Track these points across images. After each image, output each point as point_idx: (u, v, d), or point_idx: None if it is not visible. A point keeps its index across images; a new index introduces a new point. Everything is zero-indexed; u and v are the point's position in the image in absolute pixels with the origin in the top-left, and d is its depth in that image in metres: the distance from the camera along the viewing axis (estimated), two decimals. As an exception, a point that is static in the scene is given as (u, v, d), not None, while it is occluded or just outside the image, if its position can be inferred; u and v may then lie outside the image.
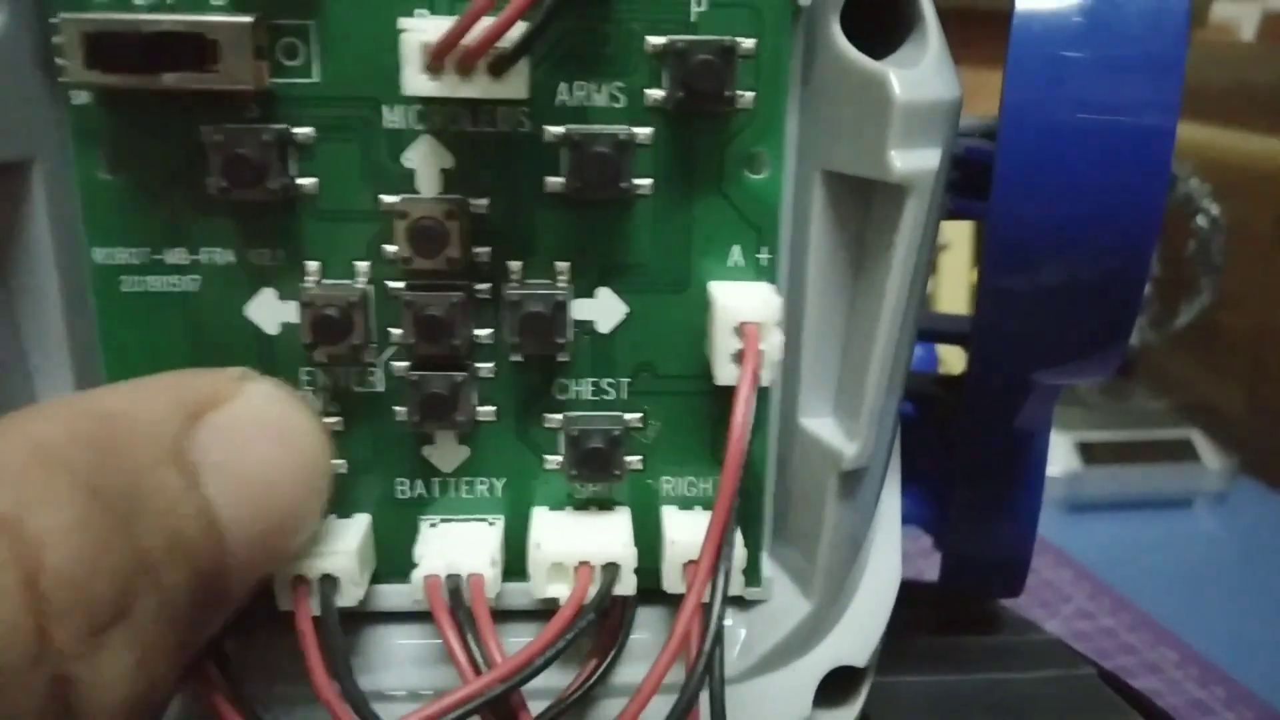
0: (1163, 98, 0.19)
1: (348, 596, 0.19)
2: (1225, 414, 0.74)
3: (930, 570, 0.30)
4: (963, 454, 0.27)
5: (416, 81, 0.17)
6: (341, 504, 0.20)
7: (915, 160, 0.18)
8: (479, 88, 0.17)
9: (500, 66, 0.17)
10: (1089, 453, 0.70)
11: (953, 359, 0.54)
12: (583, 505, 0.21)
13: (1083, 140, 0.19)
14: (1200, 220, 0.65)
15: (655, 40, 0.18)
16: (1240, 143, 0.72)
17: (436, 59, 0.17)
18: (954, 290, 0.77)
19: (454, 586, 0.19)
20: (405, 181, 0.19)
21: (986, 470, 0.27)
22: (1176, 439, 0.71)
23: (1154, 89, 0.19)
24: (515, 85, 0.17)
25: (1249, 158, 0.72)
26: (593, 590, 0.19)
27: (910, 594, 0.23)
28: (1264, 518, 0.71)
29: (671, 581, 0.20)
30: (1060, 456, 0.69)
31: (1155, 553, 0.67)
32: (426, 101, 0.18)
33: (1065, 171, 0.19)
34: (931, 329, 0.29)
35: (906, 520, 0.29)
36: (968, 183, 0.22)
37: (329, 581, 0.19)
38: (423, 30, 0.17)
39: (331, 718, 0.17)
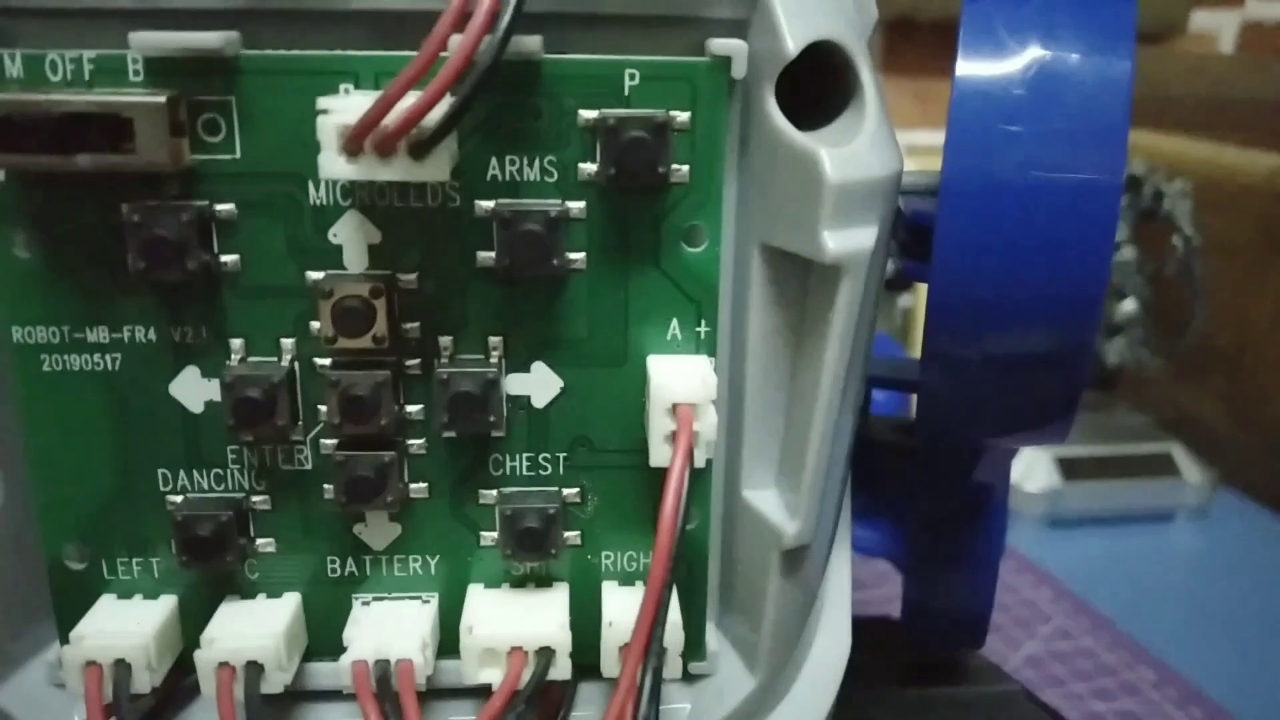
0: (1106, 167, 0.18)
1: (273, 683, 0.18)
2: (1206, 427, 0.74)
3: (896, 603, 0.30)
4: (920, 506, 0.26)
5: (335, 165, 0.16)
6: (271, 583, 0.20)
7: (849, 240, 0.17)
8: (399, 170, 0.16)
9: (421, 149, 0.16)
10: (1069, 468, 0.69)
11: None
12: (520, 582, 0.20)
13: (1023, 208, 0.18)
14: (1175, 240, 0.64)
15: (588, 114, 0.18)
16: (1219, 155, 0.72)
17: (354, 141, 0.16)
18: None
19: (382, 672, 0.18)
20: (331, 257, 0.18)
21: (944, 523, 0.26)
22: (1157, 453, 0.71)
23: (1096, 160, 0.18)
24: (437, 167, 0.16)
25: (1227, 170, 0.71)
26: (526, 675, 0.18)
27: (873, 634, 0.22)
28: (1244, 530, 0.71)
29: (609, 665, 0.19)
30: (1040, 472, 0.69)
31: (1136, 569, 0.67)
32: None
33: (1005, 239, 0.19)
34: (893, 377, 0.28)
35: (879, 554, 0.29)
36: (916, 244, 0.22)
37: (253, 668, 0.18)
38: (341, 111, 0.16)
39: None
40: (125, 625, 0.19)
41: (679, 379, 0.18)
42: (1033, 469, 0.66)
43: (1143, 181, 0.65)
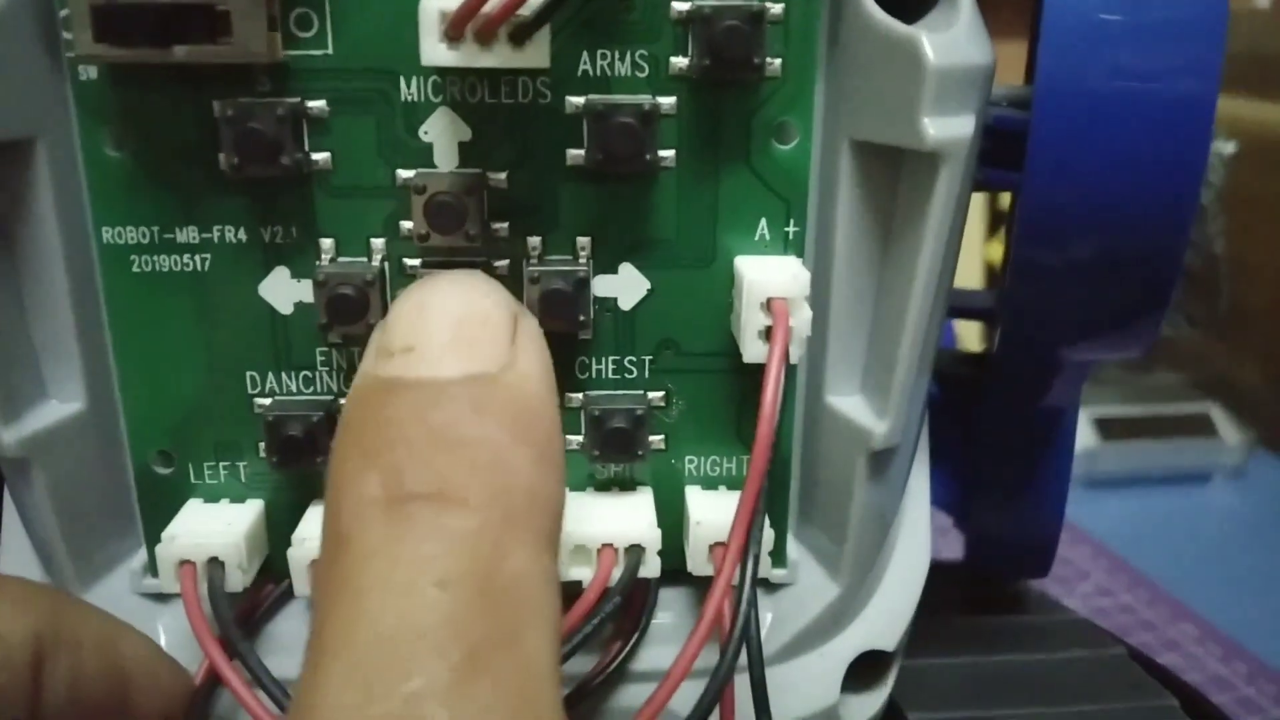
0: (1203, 62, 0.18)
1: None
2: (1243, 387, 0.74)
3: (949, 549, 0.30)
4: (989, 433, 0.26)
5: (436, 51, 0.16)
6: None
7: (948, 128, 0.17)
8: (500, 57, 0.16)
9: (521, 35, 0.16)
10: (1106, 428, 0.69)
11: (969, 336, 0.53)
12: (604, 486, 0.20)
13: (1120, 108, 0.18)
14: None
15: (680, 6, 0.18)
16: (1255, 112, 0.71)
17: (456, 27, 0.16)
18: (966, 262, 0.77)
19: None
20: (422, 155, 0.18)
21: (1013, 449, 0.26)
22: (1194, 413, 0.71)
23: (1194, 53, 0.18)
24: (537, 54, 0.16)
25: (1264, 127, 0.71)
26: (616, 573, 0.18)
27: (933, 572, 0.22)
28: (1281, 491, 0.70)
29: (697, 563, 0.19)
30: (1077, 432, 0.69)
31: (1174, 528, 0.66)
32: (444, 72, 0.18)
33: (1102, 141, 0.18)
34: (960, 305, 0.28)
35: (932, 502, 0.29)
36: (997, 152, 0.22)
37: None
38: None
39: None
40: (216, 525, 0.19)
41: (772, 274, 0.18)
42: (1069, 429, 0.66)
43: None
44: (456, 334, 0.14)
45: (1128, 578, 0.59)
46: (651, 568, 0.19)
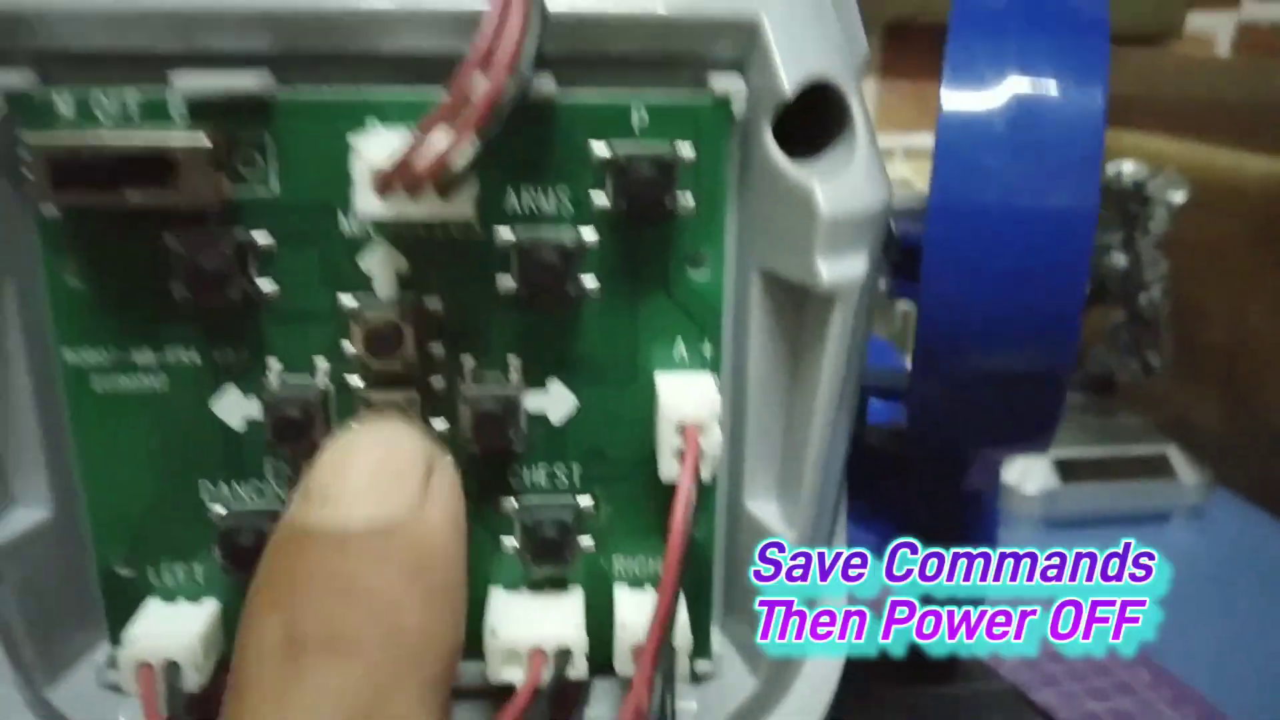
0: (1079, 198, 0.20)
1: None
2: (1201, 428, 0.75)
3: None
4: (913, 512, 0.28)
5: (368, 203, 0.18)
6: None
7: (842, 269, 0.18)
8: (427, 208, 0.18)
9: (446, 188, 0.18)
10: (1066, 470, 0.70)
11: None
12: (538, 585, 0.22)
13: (1003, 236, 0.20)
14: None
15: (600, 150, 0.19)
16: (1215, 157, 0.73)
17: (385, 184, 0.17)
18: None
19: (412, 671, 0.20)
20: (362, 283, 0.20)
21: (937, 529, 0.27)
22: (1153, 454, 0.72)
23: (1071, 190, 0.20)
24: (462, 206, 0.18)
25: (1223, 172, 0.72)
26: (546, 674, 0.20)
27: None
28: (1240, 530, 0.72)
29: (623, 663, 0.20)
30: (1037, 474, 0.70)
31: (1132, 569, 0.67)
32: (380, 212, 0.19)
33: (987, 264, 0.20)
34: (888, 387, 0.30)
35: (878, 556, 0.30)
36: (907, 264, 0.23)
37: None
38: (373, 151, 0.18)
39: None
40: (173, 627, 0.20)
41: (686, 399, 0.19)
42: (1030, 471, 0.67)
43: (1130, 190, 0.65)
44: (369, 483, 0.16)
45: (1085, 621, 0.60)
46: (579, 669, 0.20)
